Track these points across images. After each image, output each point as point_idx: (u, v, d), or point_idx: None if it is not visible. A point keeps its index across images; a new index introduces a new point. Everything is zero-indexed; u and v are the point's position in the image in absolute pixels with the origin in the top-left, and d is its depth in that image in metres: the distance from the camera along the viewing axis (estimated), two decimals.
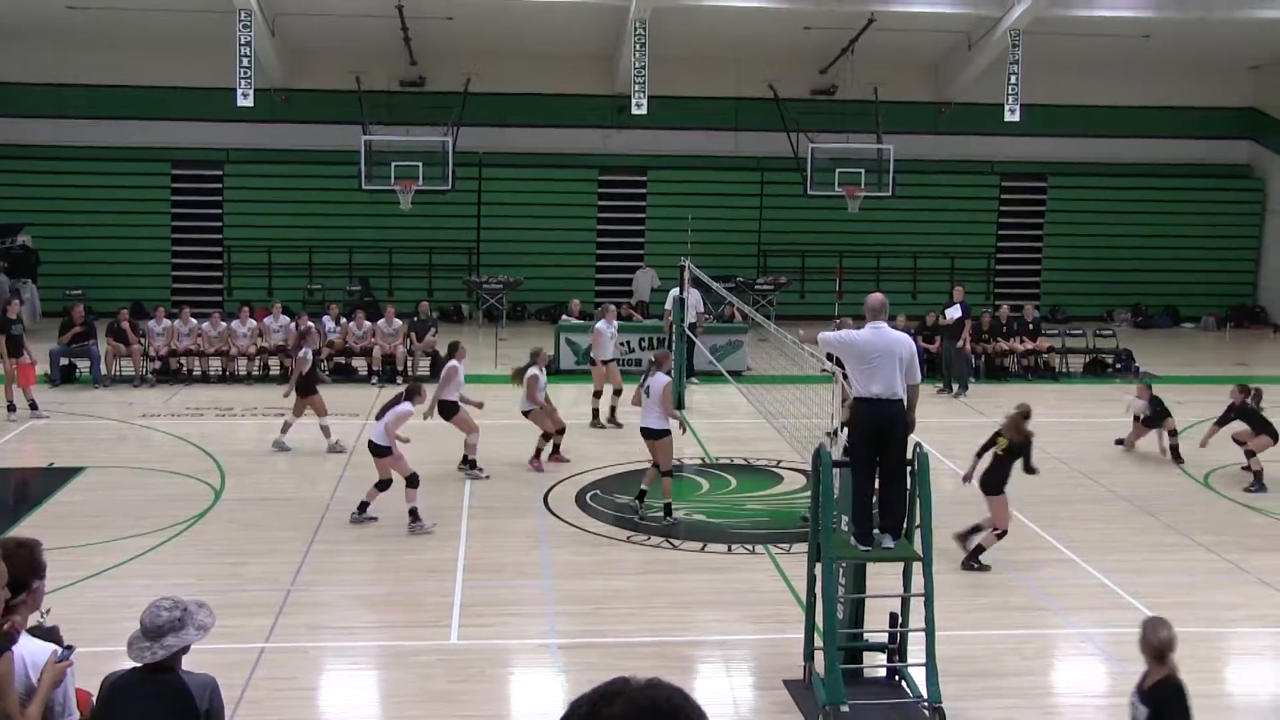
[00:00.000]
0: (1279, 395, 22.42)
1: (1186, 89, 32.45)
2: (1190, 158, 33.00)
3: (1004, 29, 27.98)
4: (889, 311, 11.00)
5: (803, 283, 31.49)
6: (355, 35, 28.98)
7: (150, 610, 6.15)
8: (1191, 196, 32.77)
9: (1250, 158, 33.64)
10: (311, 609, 12.57)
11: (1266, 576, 14.03)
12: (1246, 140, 33.55)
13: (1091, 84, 31.68)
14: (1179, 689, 7.80)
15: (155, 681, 6.11)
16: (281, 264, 30.56)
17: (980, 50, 29.30)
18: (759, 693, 11.11)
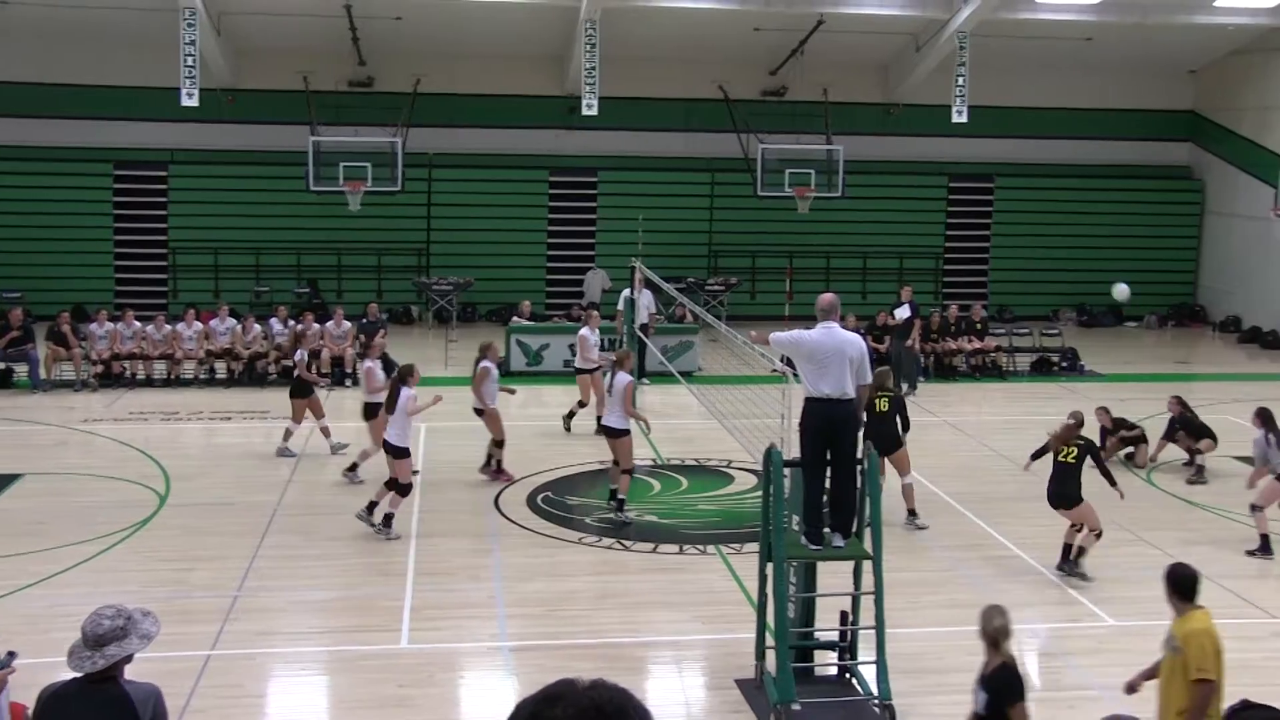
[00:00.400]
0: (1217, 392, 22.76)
1: (1128, 92, 32.77)
2: (1132, 159, 33.33)
3: (951, 31, 28.15)
4: (840, 311, 11.04)
5: (753, 283, 31.56)
6: (302, 35, 28.77)
7: (92, 619, 6.02)
8: (1134, 197, 33.09)
9: (1190, 159, 34.02)
10: (259, 615, 12.47)
11: (1207, 569, 14.14)
12: (1186, 142, 33.91)
13: (1037, 86, 31.93)
14: (1014, 675, 7.96)
15: (96, 692, 5.96)
16: (228, 266, 30.30)
17: (928, 52, 29.48)
18: (711, 693, 11.12)
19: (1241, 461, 18.75)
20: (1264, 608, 13.14)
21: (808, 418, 10.64)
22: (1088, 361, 26.32)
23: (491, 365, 17.31)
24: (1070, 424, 14.06)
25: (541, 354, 24.73)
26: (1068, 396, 23.79)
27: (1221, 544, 15.21)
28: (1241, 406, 22.04)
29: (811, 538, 10.69)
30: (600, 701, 2.67)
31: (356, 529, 15.02)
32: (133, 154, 30.14)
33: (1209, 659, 7.91)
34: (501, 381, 18.15)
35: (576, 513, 16.03)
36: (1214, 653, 7.93)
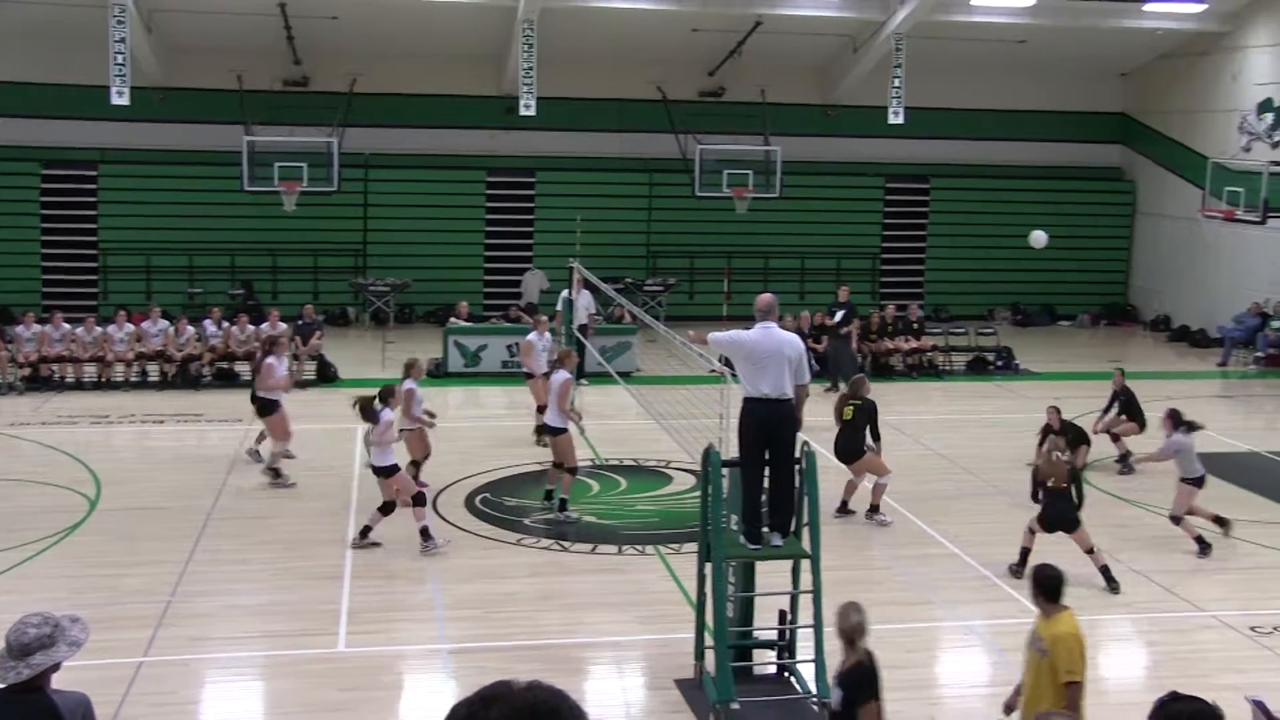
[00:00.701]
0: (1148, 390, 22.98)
1: (1061, 94, 33.13)
2: (1065, 160, 33.70)
3: (888, 33, 28.33)
4: (778, 312, 11.08)
5: (691, 284, 31.61)
6: (236, 33, 28.48)
7: (16, 627, 5.87)
8: (1067, 198, 33.43)
9: (1122, 161, 34.44)
10: (194, 620, 12.33)
11: (1137, 565, 14.38)
12: (1118, 144, 34.34)
13: (972, 88, 32.19)
14: (870, 673, 8.07)
15: (20, 702, 5.80)
16: (160, 267, 29.92)
17: (865, 54, 29.65)
18: (651, 693, 11.13)
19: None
20: (1192, 601, 13.34)
21: (746, 418, 10.67)
22: (1023, 360, 26.57)
23: (415, 385, 16.48)
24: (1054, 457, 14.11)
25: (479, 355, 24.64)
26: (1003, 395, 24.04)
27: (1152, 540, 15.41)
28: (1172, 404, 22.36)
29: (750, 537, 10.72)
30: (535, 702, 2.67)
31: (294, 533, 14.89)
32: (61, 153, 29.69)
33: (1076, 661, 8.04)
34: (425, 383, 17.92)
35: (515, 514, 15.98)
36: (1080, 654, 8.08)
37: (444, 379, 24.17)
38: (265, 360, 17.40)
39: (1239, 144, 29.32)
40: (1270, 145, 28.33)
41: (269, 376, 17.10)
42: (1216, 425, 21.66)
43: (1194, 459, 15.11)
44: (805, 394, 10.92)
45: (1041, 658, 8.16)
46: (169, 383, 23.29)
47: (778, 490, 10.74)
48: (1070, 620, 8.21)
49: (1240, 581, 14.19)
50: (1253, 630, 12.51)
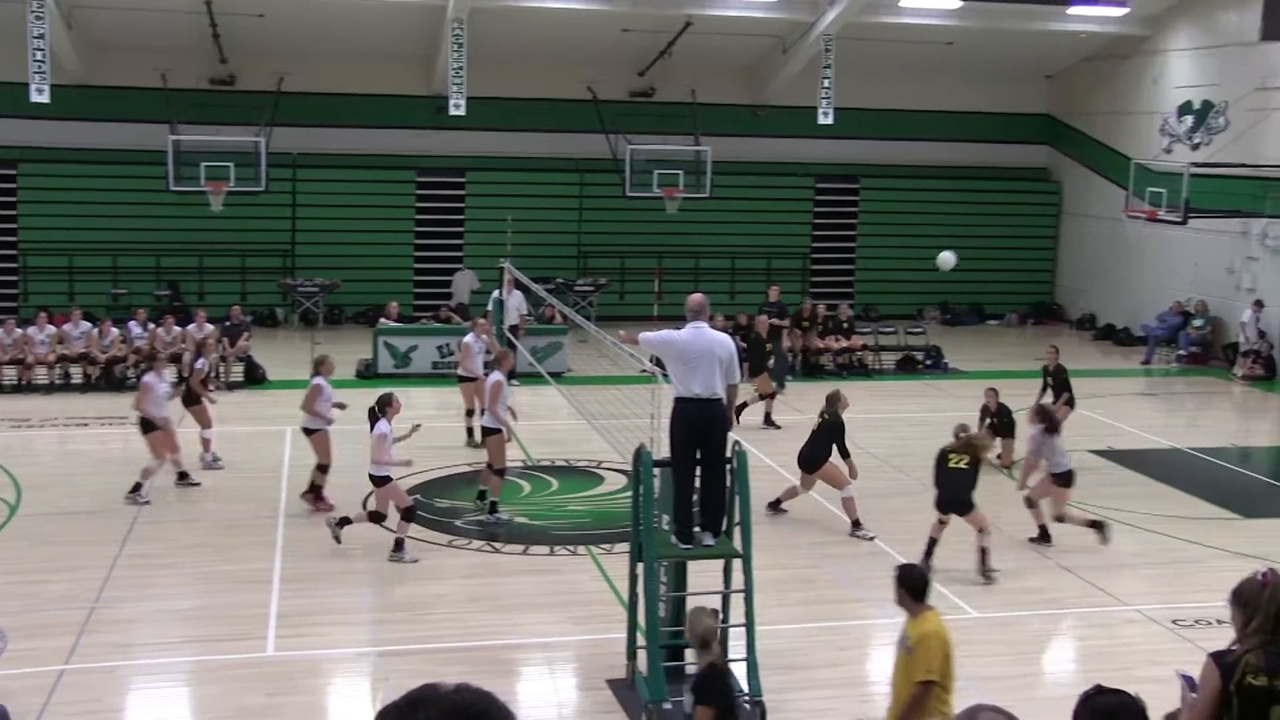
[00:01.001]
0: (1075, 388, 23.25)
1: (988, 95, 33.48)
2: (992, 161, 34.05)
3: (817, 34, 28.50)
4: (709, 312, 11.10)
5: (622, 284, 31.61)
6: (160, 31, 28.11)
7: None
8: (994, 199, 33.81)
9: (1048, 162, 34.87)
10: (118, 626, 12.15)
11: (1063, 560, 14.58)
12: (1044, 145, 34.77)
13: (901, 89, 32.45)
14: (720, 676, 8.11)
15: None
16: (83, 268, 29.47)
17: (794, 54, 29.80)
18: (583, 693, 11.11)
19: (1097, 455, 19.31)
20: (1118, 596, 13.53)
21: (677, 418, 10.67)
22: (951, 359, 26.82)
23: (324, 382, 15.96)
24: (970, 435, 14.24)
25: (409, 355, 24.49)
26: (933, 394, 24.24)
27: (1080, 535, 15.58)
28: (1098, 402, 22.69)
29: (681, 537, 10.72)
30: (463, 705, 2.66)
31: (222, 537, 14.71)
32: None
33: (936, 661, 8.09)
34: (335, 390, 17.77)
35: (447, 516, 15.90)
36: (942, 655, 8.13)
37: (374, 380, 23.99)
38: (143, 379, 16.95)
39: (1161, 145, 29.81)
40: (1190, 147, 28.83)
41: (145, 396, 16.52)
42: (1140, 422, 22.08)
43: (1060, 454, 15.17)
44: (736, 394, 10.93)
45: (909, 656, 8.21)
46: (92, 385, 22.94)
47: (709, 490, 10.75)
48: (936, 620, 8.27)
49: (1162, 576, 14.42)
50: (1174, 623, 12.73)
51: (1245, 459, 20.79)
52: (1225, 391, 25.71)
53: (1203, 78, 28.90)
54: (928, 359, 26.79)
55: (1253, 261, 27.54)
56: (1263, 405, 24.81)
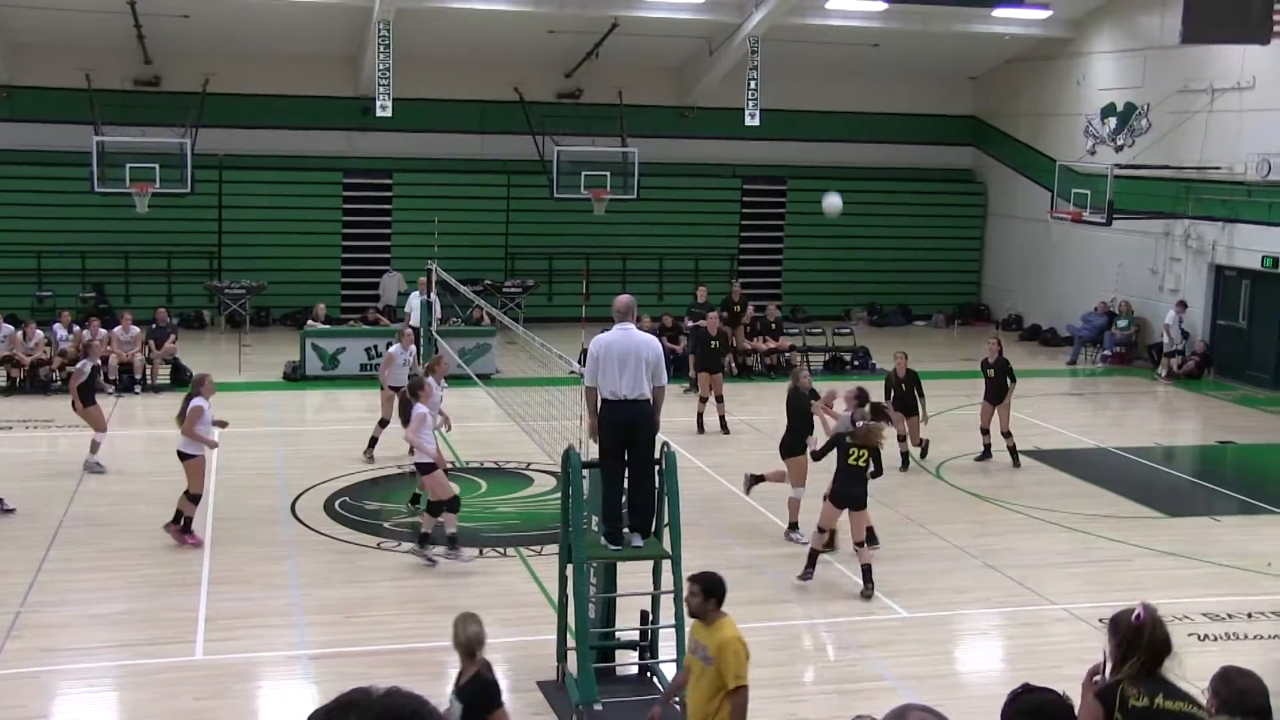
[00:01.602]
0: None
1: (914, 97, 33.81)
2: (918, 162, 34.40)
3: (743, 35, 28.64)
4: (636, 313, 11.16)
5: (550, 285, 31.61)
6: (84, 31, 27.78)
7: None
8: (921, 200, 34.14)
9: (973, 163, 35.27)
10: (44, 631, 12.03)
11: (990, 559, 14.78)
12: (970, 146, 35.16)
13: (827, 90, 32.69)
14: (489, 683, 7.91)
15: None
16: (6, 270, 29.05)
17: (721, 56, 29.94)
18: (513, 695, 11.11)
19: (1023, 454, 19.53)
20: (1045, 595, 13.72)
21: (605, 418, 10.73)
22: (879, 360, 27.01)
23: (204, 403, 14.92)
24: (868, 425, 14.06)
25: (337, 358, 24.38)
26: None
27: (1008, 534, 15.84)
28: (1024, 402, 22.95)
29: (611, 538, 10.79)
30: (395, 708, 2.70)
31: (149, 540, 14.58)
32: None
33: (744, 665, 8.03)
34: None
35: (375, 517, 15.87)
36: (746, 658, 8.08)
37: (302, 382, 23.89)
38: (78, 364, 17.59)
39: (1085, 147, 30.24)
40: (1114, 148, 29.29)
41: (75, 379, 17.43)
42: (1065, 422, 22.41)
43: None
44: (663, 395, 11.00)
45: (708, 665, 8.09)
46: (17, 388, 22.64)
47: (638, 491, 10.82)
48: (733, 625, 8.19)
49: (1088, 575, 14.61)
50: (1101, 622, 12.78)
51: (1170, 458, 21.16)
52: (1150, 391, 26.12)
53: (1126, 80, 29.37)
54: (855, 359, 27.02)
55: (1175, 262, 28.01)
56: (1187, 405, 25.23)
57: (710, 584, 8.24)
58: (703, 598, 8.22)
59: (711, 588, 8.23)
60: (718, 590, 8.23)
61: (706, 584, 8.24)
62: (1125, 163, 27.88)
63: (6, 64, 28.04)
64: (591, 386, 10.81)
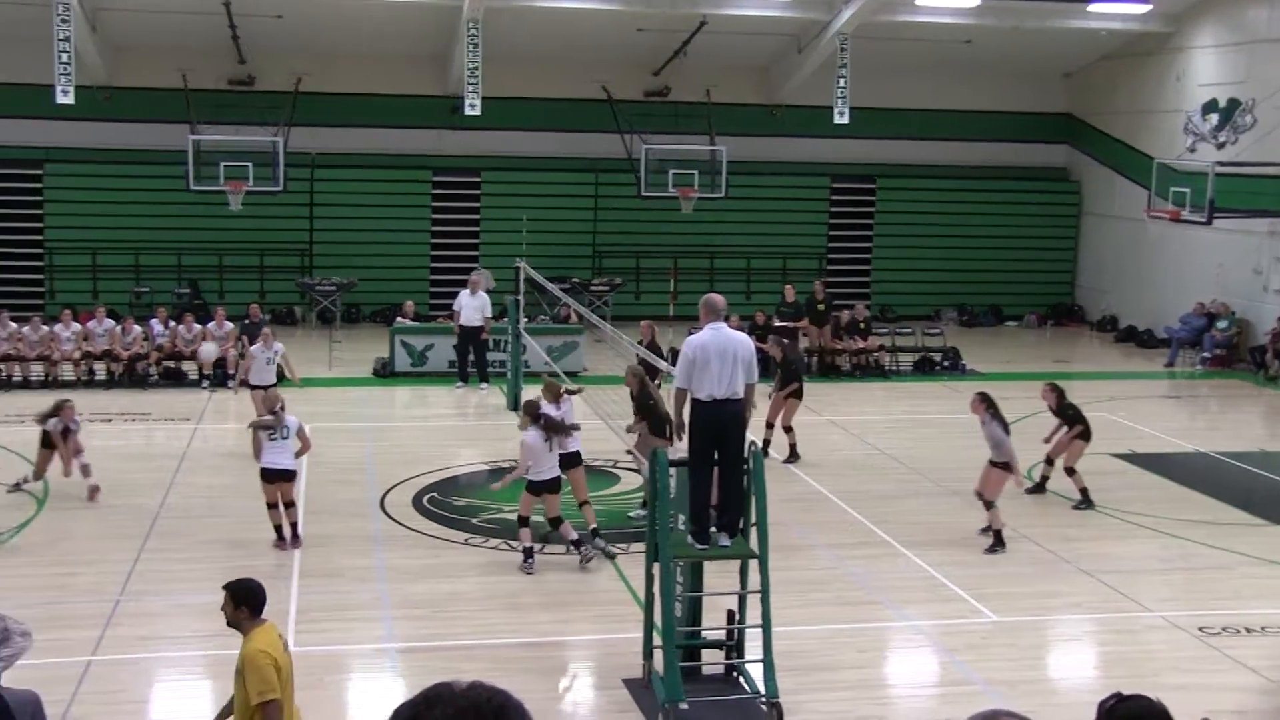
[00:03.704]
0: (1094, 391, 23.29)
1: (1007, 94, 33.40)
2: (1010, 161, 33.96)
3: (832, 33, 28.47)
4: (726, 312, 11.12)
5: (638, 283, 31.62)
6: (181, 32, 28.26)
7: None
8: (1013, 199, 33.72)
9: (1067, 161, 34.77)
10: (142, 619, 12.25)
11: (1084, 564, 14.54)
12: (1063, 145, 34.65)
13: (917, 88, 32.39)
14: None
15: None
16: (107, 266, 29.64)
17: (810, 54, 29.78)
18: (598, 692, 11.15)
19: (1118, 458, 19.22)
20: (1140, 601, 13.45)
21: (695, 418, 10.70)
22: (969, 360, 26.76)
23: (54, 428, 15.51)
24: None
25: (426, 354, 24.57)
26: (950, 396, 24.18)
27: (1102, 539, 15.58)
28: (1119, 405, 22.64)
29: (698, 537, 10.75)
30: (479, 701, 2.70)
31: (242, 532, 14.78)
32: (6, 152, 29.36)
33: (269, 679, 7.36)
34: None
35: (463, 514, 15.96)
36: (275, 669, 7.41)
37: (390, 378, 24.11)
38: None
39: (1184, 144, 29.65)
40: (1215, 146, 28.66)
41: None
42: (1162, 425, 21.97)
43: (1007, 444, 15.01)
44: (753, 394, 10.95)
45: (239, 680, 7.55)
46: (115, 382, 23.10)
47: (726, 490, 10.78)
48: (264, 636, 7.56)
49: (1187, 582, 14.31)
50: (1201, 631, 12.60)
51: (1272, 463, 20.56)
52: (1252, 395, 25.45)
53: (1229, 75, 28.71)
54: (945, 360, 26.74)
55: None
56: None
57: (240, 591, 7.62)
58: (233, 606, 7.60)
59: (243, 595, 7.61)
60: (250, 598, 7.61)
61: (237, 591, 7.62)
62: (1227, 160, 27.25)
63: (107, 66, 28.58)
64: (682, 388, 10.77)
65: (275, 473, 14.21)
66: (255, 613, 7.60)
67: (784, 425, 18.64)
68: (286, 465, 14.28)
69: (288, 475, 14.32)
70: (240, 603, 7.57)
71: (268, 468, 14.22)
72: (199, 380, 23.37)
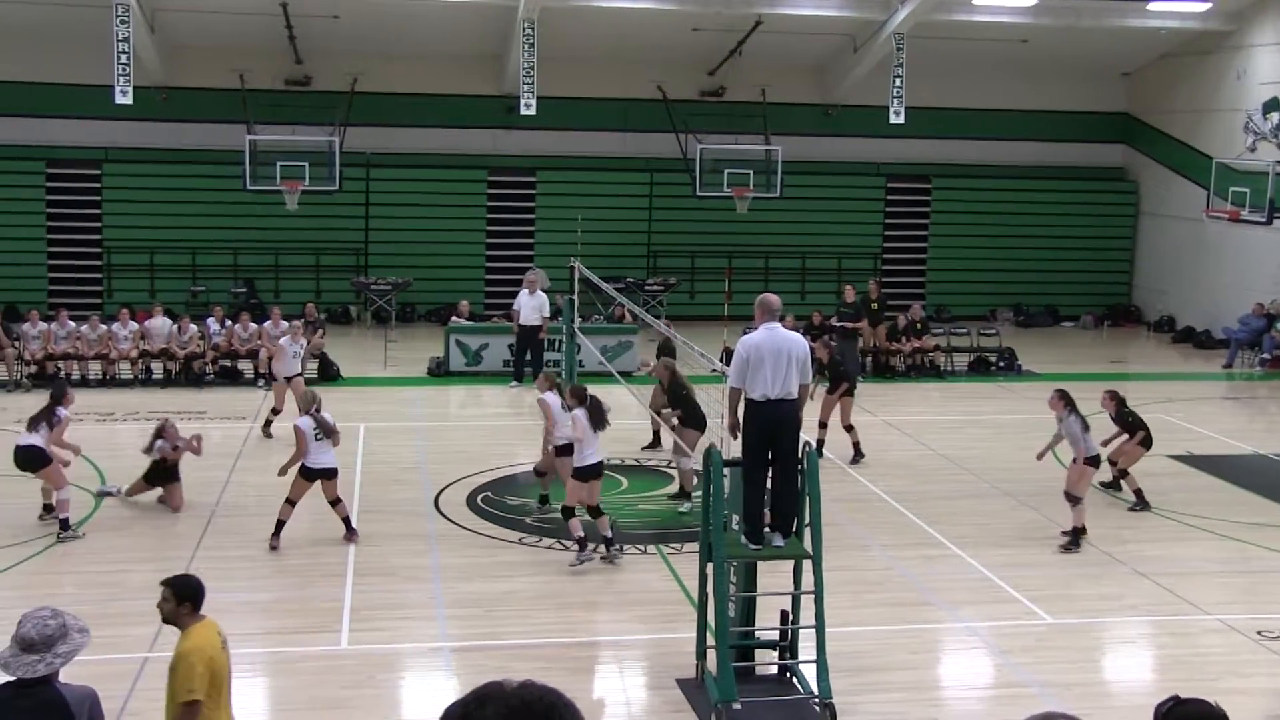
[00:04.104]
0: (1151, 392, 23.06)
1: (1064, 93, 33.12)
2: (1068, 160, 33.68)
3: (888, 32, 28.33)
4: (781, 311, 11.09)
5: (692, 283, 31.62)
6: (238, 33, 28.52)
7: (34, 623, 5.93)
8: (1070, 199, 33.44)
9: (1125, 161, 34.42)
10: None
11: (1140, 567, 14.38)
12: (1121, 144, 34.31)
13: (973, 88, 32.19)
14: None
15: (30, 696, 5.85)
16: (164, 265, 29.96)
17: (865, 53, 29.65)
18: (652, 692, 11.14)
19: (1176, 460, 19.02)
20: (1198, 604, 13.29)
21: (749, 418, 10.68)
22: (1025, 361, 26.54)
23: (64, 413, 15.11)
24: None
25: (480, 354, 24.66)
26: (1005, 396, 24.03)
27: (1158, 540, 15.41)
28: (1174, 406, 22.39)
29: (751, 537, 10.72)
30: (530, 700, 2.71)
31: (297, 530, 14.89)
32: (66, 152, 29.75)
33: (195, 679, 7.18)
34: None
35: (516, 513, 16.00)
36: (208, 670, 7.25)
37: (445, 378, 24.21)
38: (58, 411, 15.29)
39: (1244, 144, 29.27)
40: (1276, 145, 28.26)
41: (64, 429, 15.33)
42: (1220, 426, 21.71)
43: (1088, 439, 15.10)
44: (807, 394, 10.91)
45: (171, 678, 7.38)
46: (172, 380, 23.34)
47: (780, 490, 10.74)
48: (201, 634, 7.38)
49: (1245, 584, 14.14)
50: (1260, 634, 12.43)
51: None
52: None
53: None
54: (1001, 360, 26.54)
55: None
56: None
57: (181, 586, 7.49)
58: (175, 603, 7.43)
59: (184, 591, 7.46)
60: (191, 594, 7.46)
61: (179, 587, 7.49)
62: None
63: (164, 66, 28.88)
64: (736, 388, 10.76)
65: (319, 471, 14.30)
66: (196, 608, 7.47)
67: (844, 425, 18.60)
68: (330, 464, 14.41)
69: (331, 473, 14.43)
70: (182, 599, 7.43)
71: (313, 467, 14.31)
72: (254, 379, 23.55)
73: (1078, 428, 15.04)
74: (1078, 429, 15.03)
